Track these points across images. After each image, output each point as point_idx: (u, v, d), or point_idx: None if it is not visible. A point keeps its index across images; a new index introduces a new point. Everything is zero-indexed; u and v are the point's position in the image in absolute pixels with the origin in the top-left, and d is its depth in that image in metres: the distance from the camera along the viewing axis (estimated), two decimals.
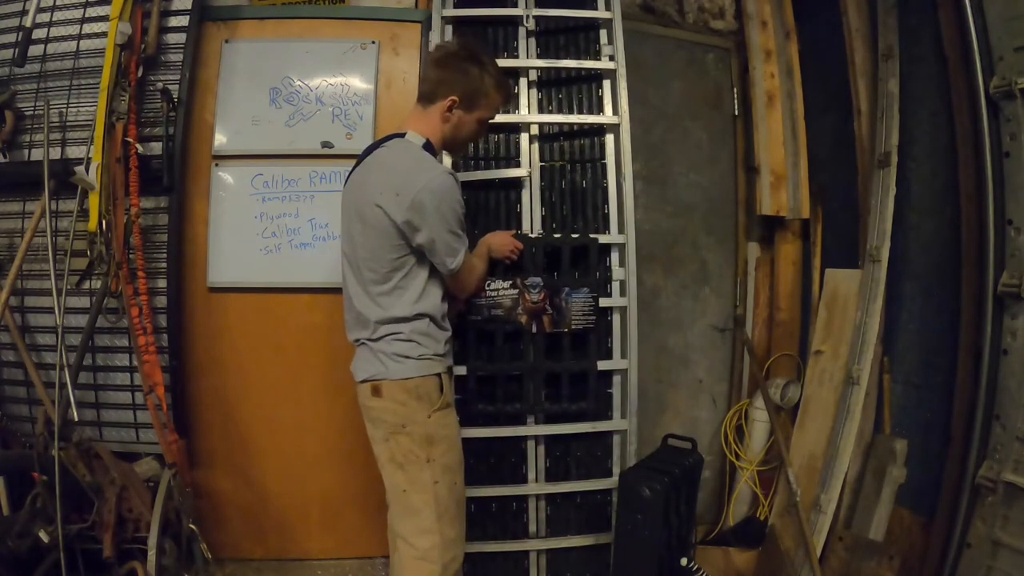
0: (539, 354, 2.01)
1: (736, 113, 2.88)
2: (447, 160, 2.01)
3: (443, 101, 1.62)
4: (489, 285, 1.91)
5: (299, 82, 2.33)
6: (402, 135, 1.64)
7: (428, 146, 1.63)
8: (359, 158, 1.71)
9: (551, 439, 2.10)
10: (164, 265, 2.21)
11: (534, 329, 1.98)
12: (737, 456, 2.70)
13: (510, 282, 1.93)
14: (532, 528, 2.11)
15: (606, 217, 2.12)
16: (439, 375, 1.63)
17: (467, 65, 1.62)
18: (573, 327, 1.99)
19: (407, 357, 1.58)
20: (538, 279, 1.94)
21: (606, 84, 2.17)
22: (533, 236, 2.01)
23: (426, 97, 1.65)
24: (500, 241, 1.89)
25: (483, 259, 1.85)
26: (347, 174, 1.72)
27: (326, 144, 2.33)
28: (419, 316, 1.60)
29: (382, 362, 1.59)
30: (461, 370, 1.98)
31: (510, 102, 1.78)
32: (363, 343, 1.64)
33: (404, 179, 1.53)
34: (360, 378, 1.63)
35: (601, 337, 2.09)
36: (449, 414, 1.66)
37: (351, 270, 1.65)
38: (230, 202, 2.30)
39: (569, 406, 2.04)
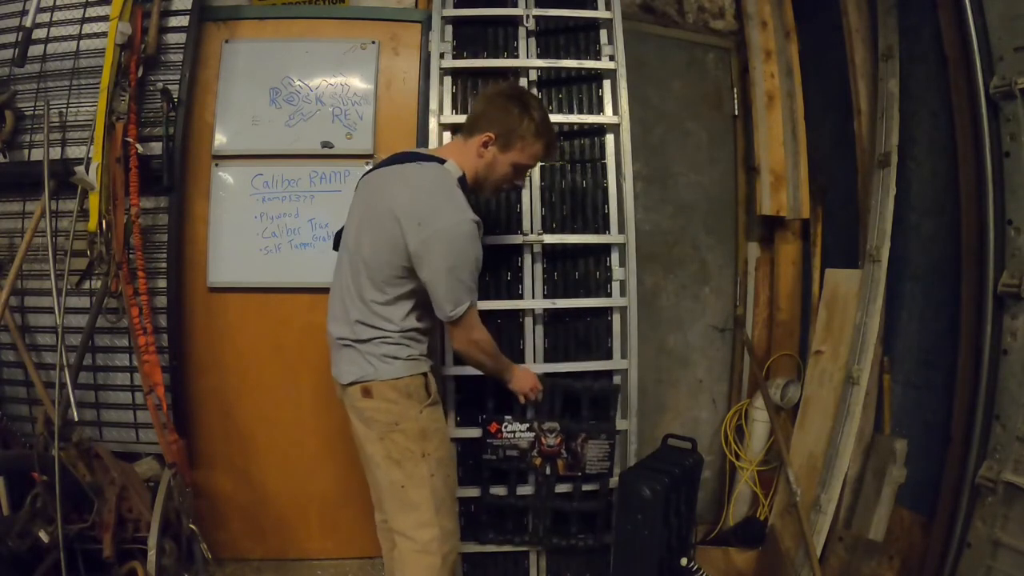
0: (550, 493, 2.02)
1: (736, 113, 2.88)
2: None
3: (480, 136, 1.61)
4: (505, 427, 1.94)
5: (299, 82, 2.33)
6: (442, 161, 1.63)
7: (463, 180, 1.62)
8: (388, 160, 1.70)
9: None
10: (164, 265, 2.21)
11: (548, 471, 1.99)
12: (737, 456, 2.70)
13: (527, 425, 1.95)
14: (532, 528, 2.11)
15: (606, 217, 2.12)
16: (425, 374, 1.66)
17: (510, 104, 1.61)
18: (587, 472, 2.00)
19: (396, 358, 1.60)
20: (556, 424, 1.96)
21: (606, 84, 2.17)
22: (552, 376, 1.98)
23: (467, 129, 1.66)
24: (524, 376, 1.85)
25: (506, 368, 1.80)
26: (369, 169, 1.72)
27: (326, 144, 2.33)
28: (407, 329, 1.61)
29: (371, 363, 1.60)
30: (473, 491, 2.02)
31: (551, 155, 1.73)
32: (348, 344, 1.64)
33: (431, 211, 1.51)
34: (347, 381, 1.64)
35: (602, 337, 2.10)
36: (438, 409, 1.70)
37: (349, 266, 1.65)
38: (230, 202, 2.30)
39: (576, 542, 2.05)
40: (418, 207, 1.53)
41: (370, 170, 1.75)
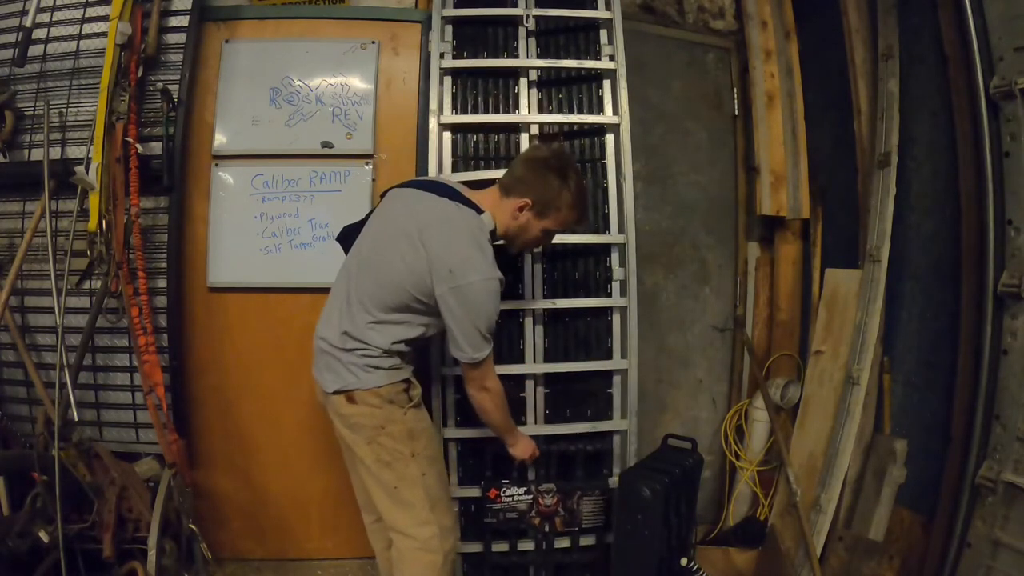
0: (550, 548, 2.07)
1: (736, 113, 2.88)
2: None
3: (517, 199, 1.63)
4: (504, 492, 2.00)
5: (299, 82, 2.33)
6: (480, 211, 1.64)
7: (493, 233, 1.65)
8: (426, 185, 1.70)
9: (551, 439, 2.10)
10: (164, 265, 2.21)
11: (547, 529, 2.05)
12: (737, 456, 2.70)
13: (524, 488, 2.02)
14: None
15: (606, 217, 2.12)
16: (407, 380, 1.68)
17: (550, 175, 1.62)
18: (584, 527, 2.06)
19: (378, 368, 1.62)
20: (552, 485, 2.02)
21: (606, 84, 2.16)
22: (548, 442, 2.05)
23: (505, 189, 1.66)
24: (525, 445, 1.89)
25: (510, 430, 1.84)
26: (403, 184, 1.74)
27: (326, 144, 2.32)
28: (391, 351, 1.63)
29: (353, 373, 1.62)
30: (476, 547, 2.06)
31: (582, 224, 1.77)
32: (328, 352, 1.65)
33: (463, 262, 1.53)
34: (331, 389, 1.65)
35: (602, 336, 2.11)
36: (422, 409, 1.72)
37: (357, 274, 1.65)
38: (230, 202, 2.30)
39: None
40: (453, 255, 1.54)
41: (404, 185, 1.74)
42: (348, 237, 1.80)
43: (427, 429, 1.72)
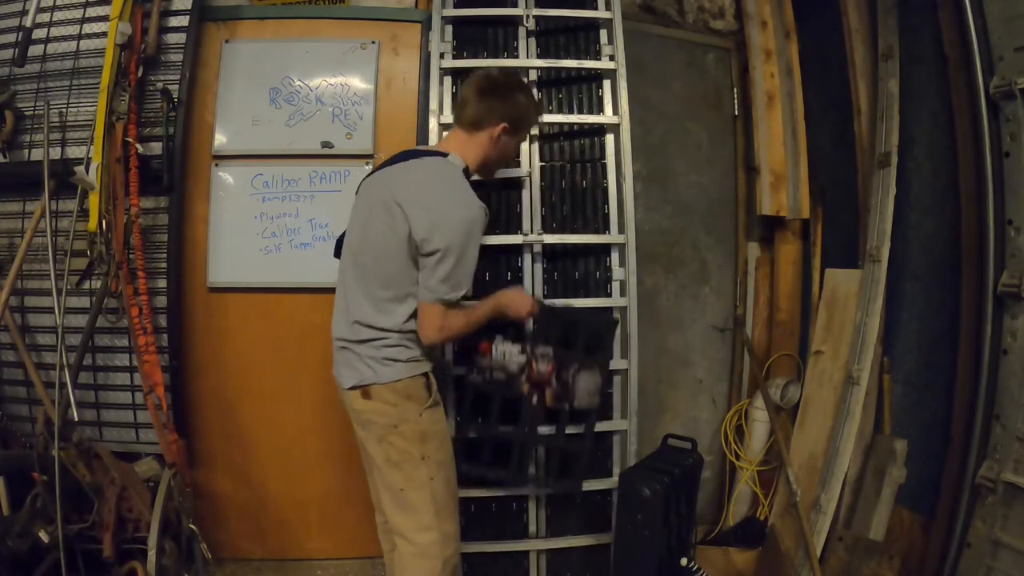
0: (534, 425, 1.92)
1: (736, 113, 2.88)
2: None
3: (493, 128, 1.65)
4: (497, 346, 1.79)
5: (299, 82, 2.33)
6: (444, 155, 1.64)
7: (466, 171, 1.65)
8: (389, 161, 1.71)
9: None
10: (164, 265, 2.21)
11: (535, 400, 1.84)
12: (737, 456, 2.70)
13: (519, 347, 1.80)
14: (532, 528, 2.11)
15: (606, 217, 2.12)
16: (426, 374, 1.65)
17: (515, 94, 1.68)
18: (576, 406, 1.86)
19: (396, 360, 1.60)
20: (549, 349, 1.82)
21: (606, 84, 2.17)
22: (548, 304, 1.90)
23: (472, 124, 1.66)
24: (520, 301, 1.77)
25: (488, 312, 1.70)
26: (371, 171, 1.73)
27: (326, 144, 2.32)
28: (409, 330, 1.60)
29: (370, 367, 1.60)
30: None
31: (540, 122, 1.88)
32: (346, 347, 1.64)
33: (439, 198, 1.53)
34: (348, 385, 1.63)
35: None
36: (438, 411, 1.68)
37: (352, 266, 1.65)
38: (230, 202, 2.30)
39: (556, 485, 1.99)
40: (425, 195, 1.54)
41: (371, 172, 1.75)
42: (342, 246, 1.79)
43: (440, 432, 1.68)
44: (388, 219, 1.55)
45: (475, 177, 1.72)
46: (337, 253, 1.78)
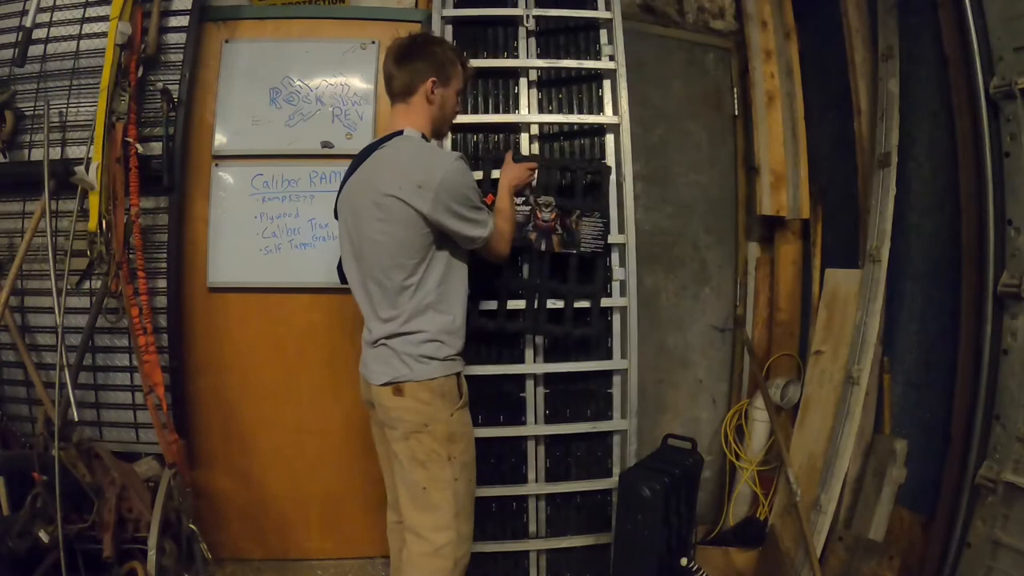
0: (544, 275, 2.01)
1: (736, 113, 2.88)
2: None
3: (422, 87, 1.64)
4: None
5: (299, 82, 2.33)
6: (399, 133, 1.63)
7: (424, 139, 1.65)
8: (356, 160, 1.69)
9: (551, 439, 2.10)
10: (164, 265, 2.21)
11: (543, 247, 1.97)
12: (737, 456, 2.70)
13: (523, 199, 1.92)
14: (532, 528, 2.12)
15: None
16: (458, 374, 1.64)
17: (429, 48, 1.67)
18: (583, 249, 1.99)
19: (432, 358, 1.57)
20: (551, 199, 1.95)
21: (606, 84, 2.17)
22: (547, 158, 1.98)
23: (404, 93, 1.66)
24: (517, 174, 1.85)
25: (509, 199, 1.81)
26: (343, 178, 1.70)
27: (326, 144, 2.33)
28: (443, 309, 1.59)
29: (406, 363, 1.57)
30: None
31: (472, 69, 1.80)
32: (380, 343, 1.61)
33: (424, 172, 1.52)
34: (380, 381, 1.60)
35: (602, 339, 2.09)
36: (467, 412, 1.67)
37: (358, 267, 1.63)
38: (230, 202, 2.30)
39: (572, 330, 2.02)
40: (413, 176, 1.53)
41: (340, 190, 1.72)
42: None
43: (467, 434, 1.66)
44: (382, 214, 1.54)
45: (434, 142, 1.71)
46: (343, 279, 1.75)
